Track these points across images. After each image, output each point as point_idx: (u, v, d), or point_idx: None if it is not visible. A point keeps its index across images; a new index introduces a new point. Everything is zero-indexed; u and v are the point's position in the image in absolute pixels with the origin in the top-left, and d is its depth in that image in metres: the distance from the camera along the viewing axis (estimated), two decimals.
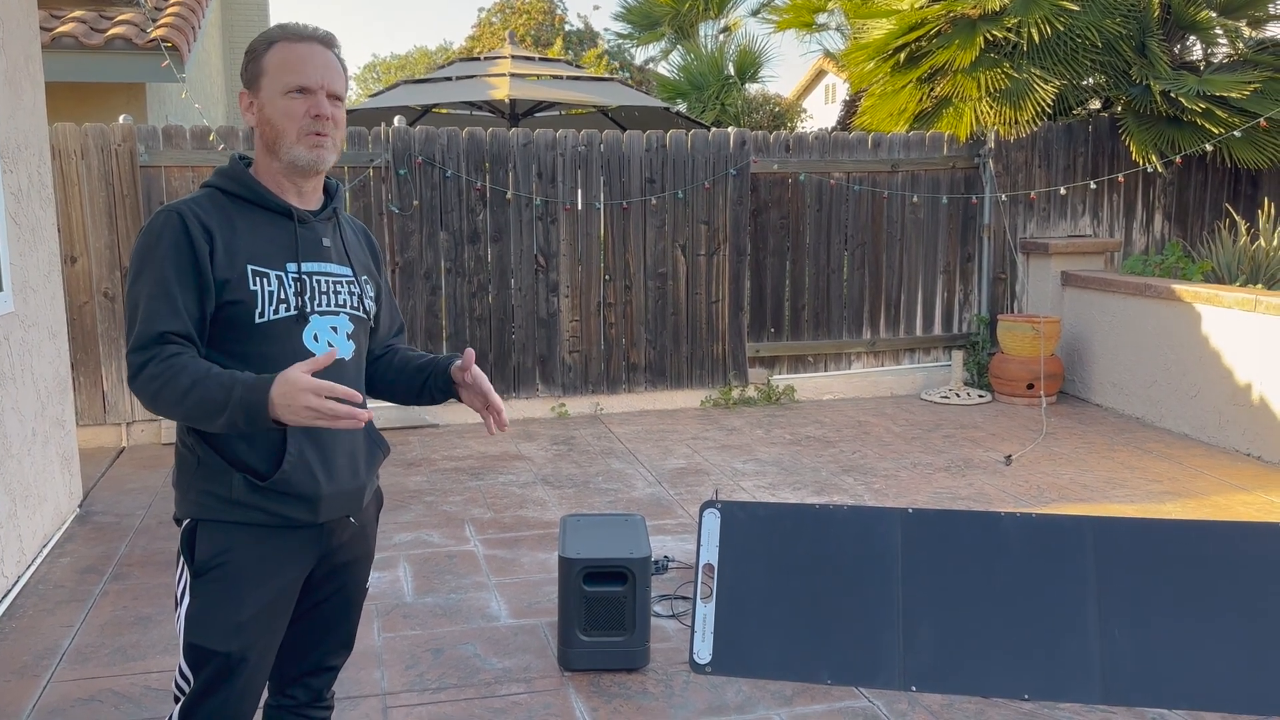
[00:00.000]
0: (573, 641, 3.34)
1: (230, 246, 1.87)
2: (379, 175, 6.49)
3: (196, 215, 1.87)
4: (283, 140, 1.90)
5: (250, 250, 1.89)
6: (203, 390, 1.73)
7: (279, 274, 1.90)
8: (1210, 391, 6.12)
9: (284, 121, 1.89)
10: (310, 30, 1.94)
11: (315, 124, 1.89)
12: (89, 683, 3.31)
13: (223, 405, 1.71)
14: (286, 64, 1.89)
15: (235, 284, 1.86)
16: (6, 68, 4.31)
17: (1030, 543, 3.36)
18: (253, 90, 1.93)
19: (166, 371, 1.76)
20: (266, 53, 1.91)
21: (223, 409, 1.71)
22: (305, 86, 1.89)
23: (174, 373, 1.75)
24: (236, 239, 1.88)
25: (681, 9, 12.89)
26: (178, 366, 1.76)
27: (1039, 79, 7.16)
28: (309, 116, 1.89)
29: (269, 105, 1.90)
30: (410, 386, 2.18)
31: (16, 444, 4.18)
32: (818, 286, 7.37)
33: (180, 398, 1.74)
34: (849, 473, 5.59)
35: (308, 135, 1.89)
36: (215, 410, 1.72)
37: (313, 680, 2.16)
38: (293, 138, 1.90)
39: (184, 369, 1.75)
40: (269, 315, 1.88)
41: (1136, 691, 3.13)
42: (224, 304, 1.86)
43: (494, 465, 5.82)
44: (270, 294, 1.88)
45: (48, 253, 4.83)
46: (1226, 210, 7.96)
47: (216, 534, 1.89)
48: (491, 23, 24.34)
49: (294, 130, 1.89)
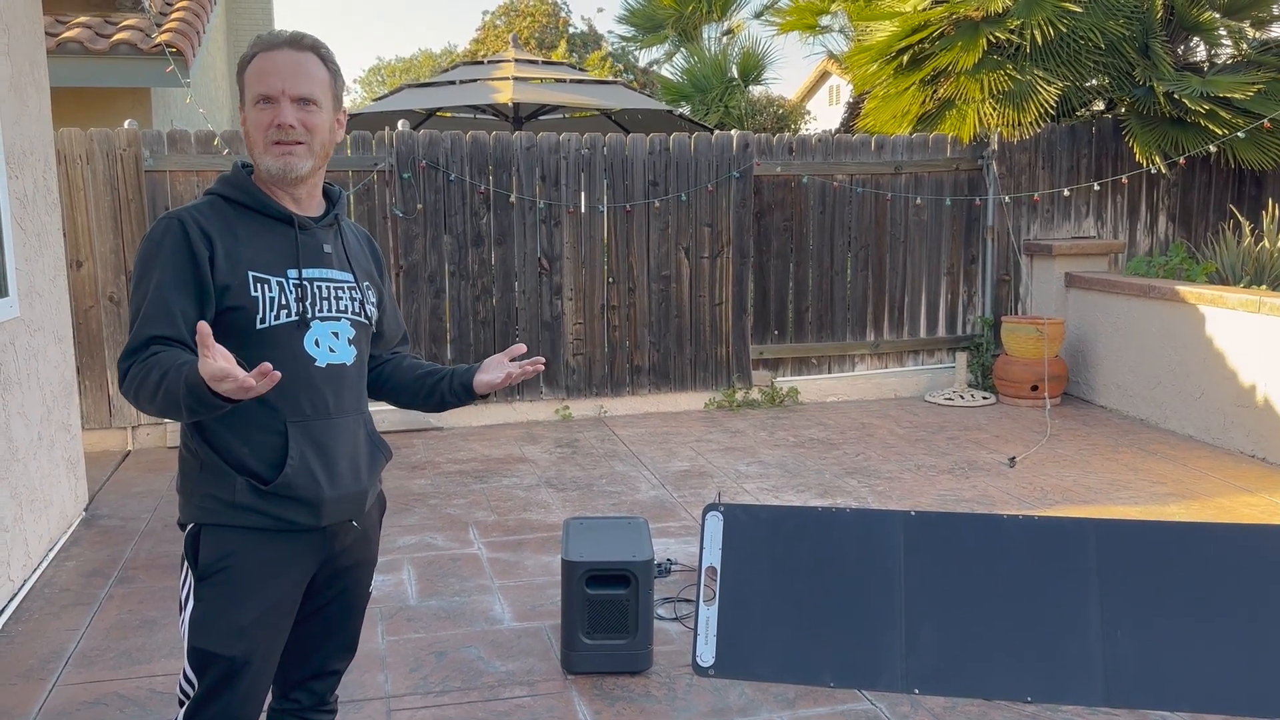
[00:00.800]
0: (576, 644, 3.35)
1: (231, 253, 1.88)
2: (383, 179, 6.51)
3: (197, 222, 1.89)
4: (254, 150, 1.93)
5: (251, 257, 1.90)
6: (167, 383, 1.73)
7: (280, 280, 1.92)
8: (1214, 393, 6.11)
9: (254, 132, 1.92)
10: (283, 36, 1.94)
11: (277, 133, 1.90)
12: (95, 686, 3.33)
13: (180, 395, 1.71)
14: (256, 74, 1.91)
15: (236, 290, 1.87)
16: (12, 74, 4.33)
17: (1032, 545, 3.36)
18: (242, 105, 1.96)
19: (142, 372, 1.78)
20: (248, 66, 1.93)
21: (180, 398, 1.71)
22: (267, 95, 1.90)
23: (148, 370, 1.77)
24: (238, 245, 1.90)
25: (685, 12, 12.90)
26: (151, 364, 1.77)
27: (1042, 81, 7.16)
28: (273, 126, 1.90)
29: (247, 117, 1.93)
30: (418, 390, 2.18)
31: (22, 448, 4.20)
32: (821, 288, 7.37)
33: (152, 394, 1.75)
34: (852, 475, 5.59)
35: (272, 145, 1.90)
36: (177, 400, 1.71)
37: (316, 684, 2.17)
38: (261, 148, 1.92)
39: (155, 365, 1.77)
40: (270, 321, 1.90)
41: (1139, 693, 3.13)
42: (225, 310, 1.87)
43: (498, 468, 5.83)
44: (271, 300, 1.90)
45: (53, 257, 4.85)
46: (1230, 211, 7.96)
47: (220, 538, 1.90)
48: (496, 25, 24.39)
49: (261, 140, 1.91)
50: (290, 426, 1.91)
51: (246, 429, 1.89)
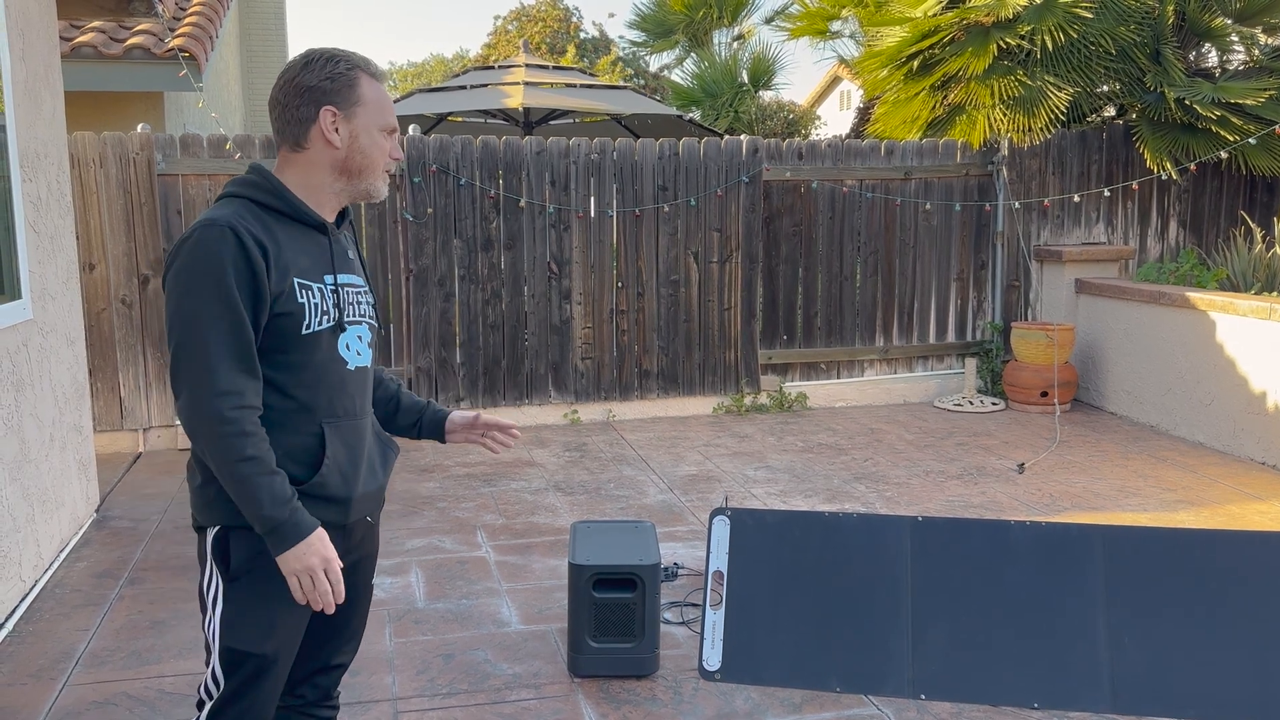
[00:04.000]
0: (582, 648, 3.36)
1: (279, 260, 1.90)
2: (394, 183, 6.54)
3: (249, 231, 1.87)
4: (371, 171, 2.02)
5: (295, 263, 1.93)
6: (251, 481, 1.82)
7: (320, 286, 1.96)
8: (1225, 400, 6.09)
9: (377, 155, 2.01)
10: (382, 71, 2.06)
11: (392, 164, 2.06)
12: (104, 686, 3.35)
13: (259, 506, 1.82)
14: (381, 104, 2.00)
15: (286, 297, 1.89)
16: (27, 78, 4.36)
17: (1040, 551, 3.35)
18: (346, 113, 1.96)
19: (236, 430, 1.82)
20: (359, 82, 1.97)
21: (257, 508, 1.82)
22: (394, 129, 2.04)
23: (238, 438, 1.82)
24: (281, 252, 1.91)
25: (695, 17, 12.92)
26: (252, 435, 1.83)
27: (1052, 86, 7.15)
28: (391, 157, 2.05)
29: (364, 135, 1.98)
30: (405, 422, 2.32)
31: (35, 449, 4.23)
32: (830, 293, 7.37)
33: (232, 469, 1.82)
34: (861, 480, 5.58)
35: (385, 172, 2.05)
36: (251, 503, 1.82)
37: (322, 679, 2.20)
38: (378, 171, 2.03)
39: (248, 443, 1.82)
40: (314, 326, 1.94)
41: (1146, 701, 3.12)
42: (274, 316, 1.89)
43: (506, 471, 5.84)
44: (315, 306, 1.94)
45: (66, 260, 4.88)
46: (1241, 217, 7.93)
47: (250, 539, 1.92)
48: (507, 30, 24.46)
49: (381, 164, 2.03)
50: (326, 428, 1.96)
51: (283, 433, 1.92)
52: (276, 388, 1.91)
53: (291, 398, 1.93)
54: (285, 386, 1.92)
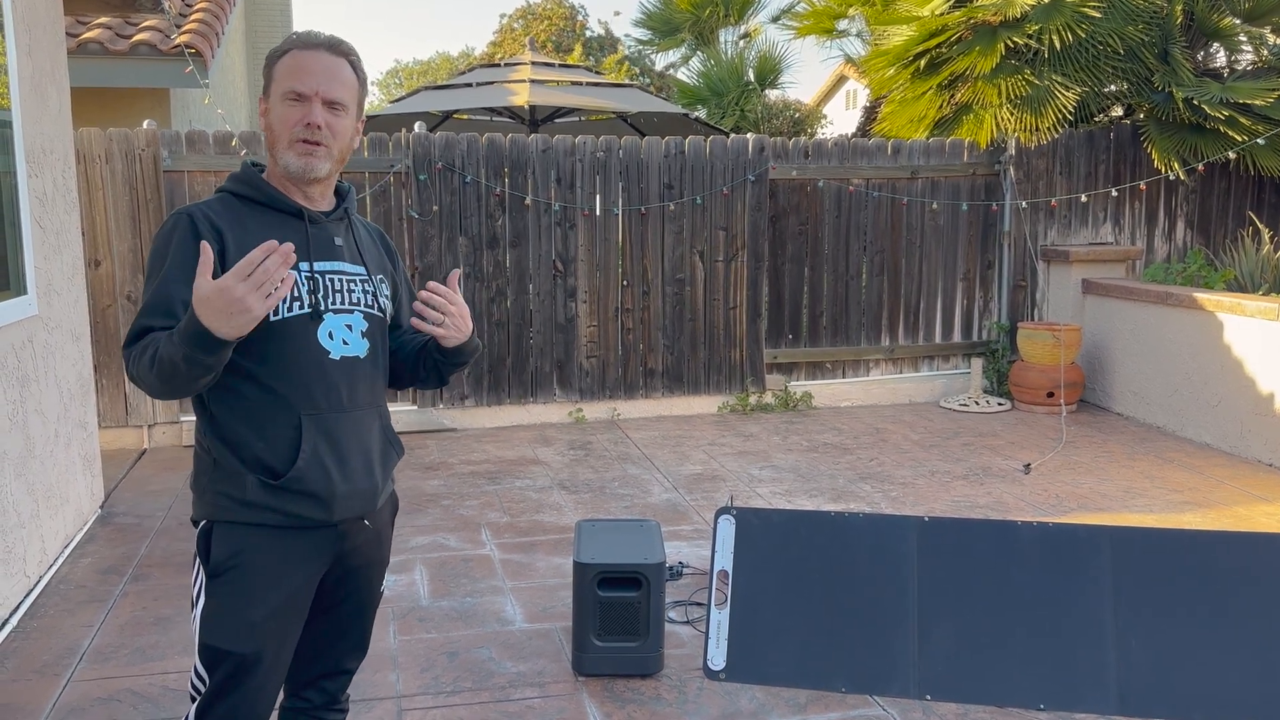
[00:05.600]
0: (587, 646, 3.35)
1: (242, 245, 1.89)
2: (399, 181, 6.53)
3: (206, 216, 1.92)
4: (277, 145, 1.94)
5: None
6: (162, 352, 1.75)
7: (292, 272, 1.92)
8: (1232, 401, 6.07)
9: (280, 127, 1.93)
10: (321, 38, 1.96)
11: (305, 132, 1.91)
12: (108, 682, 3.35)
13: (179, 355, 1.71)
14: (290, 70, 1.92)
15: None
16: (33, 73, 4.36)
17: (1046, 552, 3.34)
18: (265, 96, 1.98)
19: (138, 354, 1.81)
20: (279, 60, 1.95)
21: (180, 359, 1.72)
22: (301, 93, 1.91)
23: (141, 351, 1.81)
24: (248, 238, 1.91)
25: (702, 15, 12.90)
26: (147, 343, 1.81)
27: (1060, 86, 7.13)
28: (301, 124, 1.91)
29: (272, 110, 1.95)
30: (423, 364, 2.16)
31: (39, 445, 4.23)
32: (836, 293, 7.35)
33: (149, 369, 1.78)
34: (866, 480, 5.57)
35: (297, 143, 1.92)
36: (176, 363, 1.72)
37: (328, 683, 2.18)
38: (284, 144, 1.93)
39: (149, 345, 1.80)
40: (283, 313, 1.91)
41: (1153, 702, 3.11)
42: None
43: (511, 470, 5.84)
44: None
45: (72, 256, 4.88)
46: (1249, 218, 7.90)
47: (231, 535, 1.91)
48: (514, 28, 24.46)
49: (286, 136, 1.92)
50: (304, 419, 1.92)
51: (261, 423, 1.91)
52: (252, 377, 1.90)
53: (268, 388, 1.91)
54: (260, 376, 1.90)
